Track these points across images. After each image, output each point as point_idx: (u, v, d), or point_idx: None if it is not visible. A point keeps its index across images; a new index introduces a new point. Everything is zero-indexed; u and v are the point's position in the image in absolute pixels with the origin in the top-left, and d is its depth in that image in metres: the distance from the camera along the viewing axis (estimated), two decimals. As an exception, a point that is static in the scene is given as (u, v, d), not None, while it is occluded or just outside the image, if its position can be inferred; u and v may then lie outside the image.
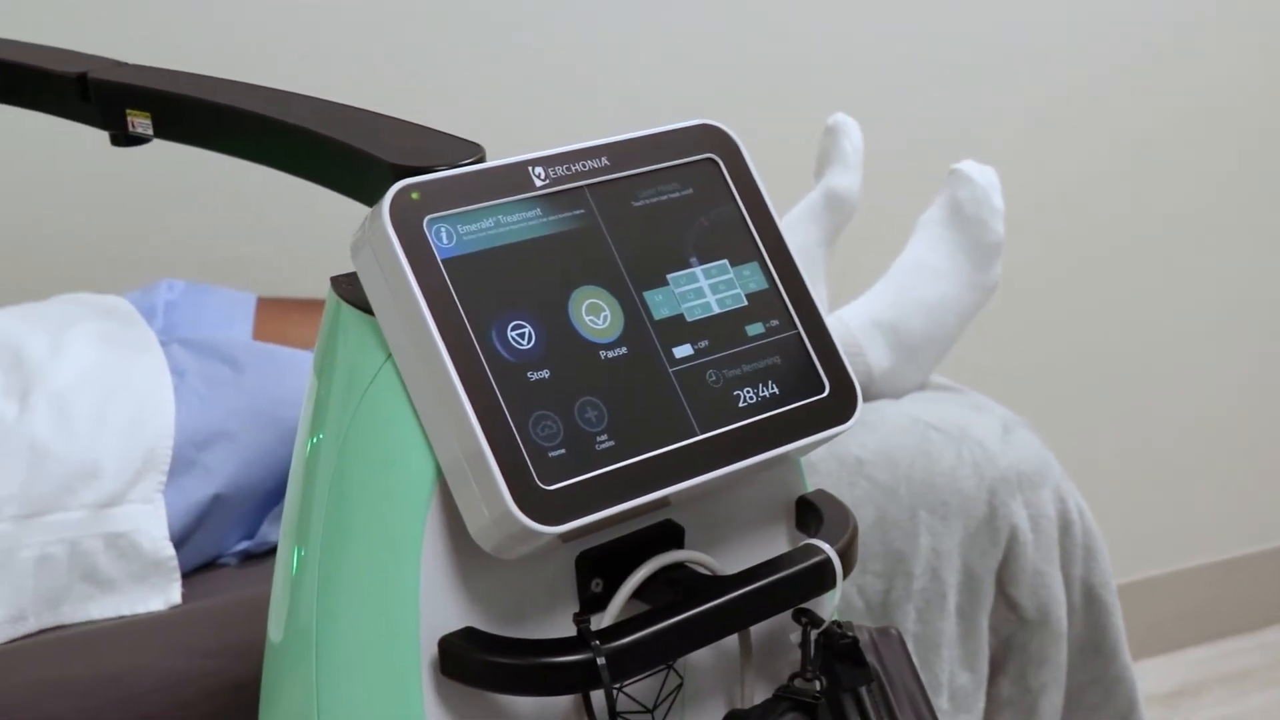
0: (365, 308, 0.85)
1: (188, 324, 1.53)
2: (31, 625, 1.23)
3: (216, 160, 1.26)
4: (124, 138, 1.14)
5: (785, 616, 0.91)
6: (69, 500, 1.24)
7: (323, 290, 1.65)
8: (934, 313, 1.57)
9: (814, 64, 2.11)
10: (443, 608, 0.83)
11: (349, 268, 0.90)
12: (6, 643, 1.22)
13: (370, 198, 0.91)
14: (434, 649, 0.83)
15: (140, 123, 1.11)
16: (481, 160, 0.89)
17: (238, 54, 1.77)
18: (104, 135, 1.19)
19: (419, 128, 0.96)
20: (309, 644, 0.87)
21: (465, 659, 0.82)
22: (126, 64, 1.15)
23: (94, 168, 1.77)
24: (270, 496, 1.35)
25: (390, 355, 0.83)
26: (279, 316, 1.58)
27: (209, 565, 1.35)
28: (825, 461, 1.44)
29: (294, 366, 1.40)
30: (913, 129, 2.15)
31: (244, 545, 1.36)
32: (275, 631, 0.92)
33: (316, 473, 0.87)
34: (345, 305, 0.87)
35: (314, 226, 1.87)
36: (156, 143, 1.14)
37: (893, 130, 2.04)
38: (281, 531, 0.92)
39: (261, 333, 1.56)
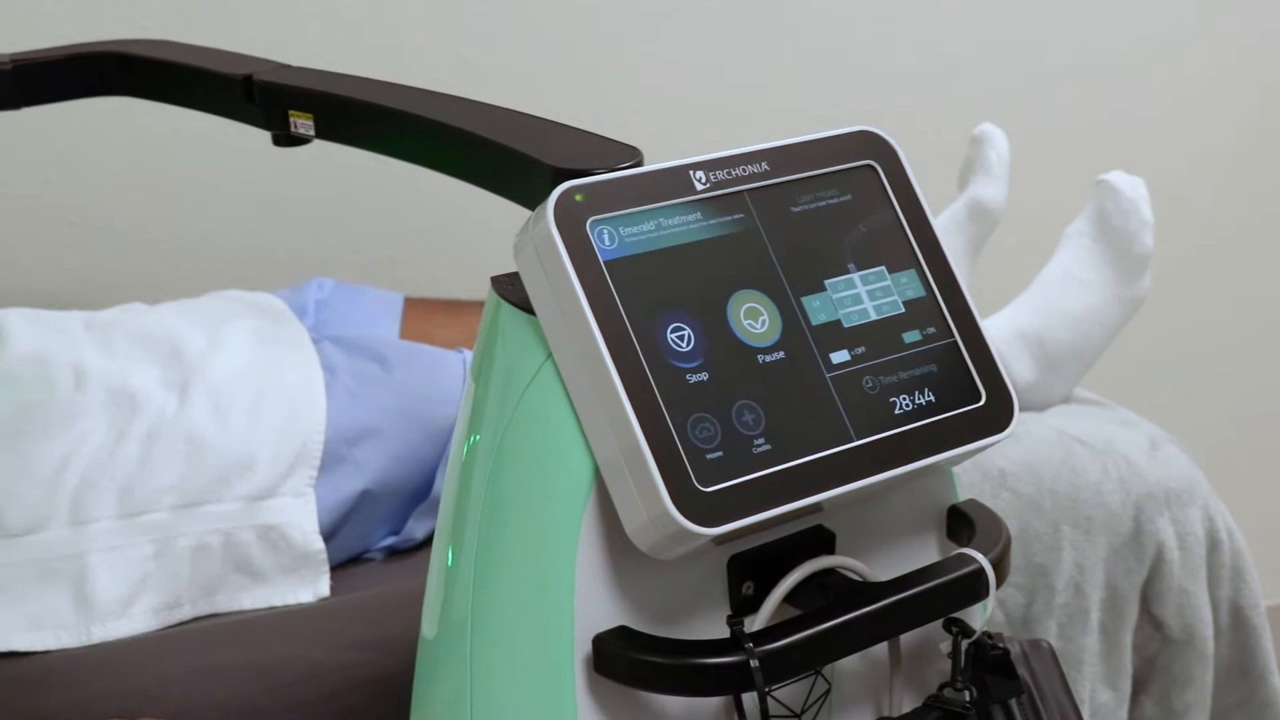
0: (526, 307, 0.86)
1: (337, 322, 1.55)
2: (187, 612, 1.26)
3: (364, 162, 1.28)
4: (285, 138, 1.17)
5: (935, 625, 0.91)
6: (224, 492, 1.27)
7: (468, 292, 1.68)
8: (1080, 325, 1.55)
9: (955, 70, 2.10)
10: (596, 606, 0.84)
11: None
12: (163, 629, 1.25)
13: (529, 200, 0.93)
14: (587, 646, 0.84)
15: (302, 123, 1.13)
16: (639, 164, 0.89)
17: (387, 56, 1.80)
18: (257, 137, 1.22)
19: (577, 131, 0.97)
20: (463, 639, 0.88)
21: (619, 657, 0.83)
22: (290, 66, 1.18)
23: (246, 168, 1.81)
24: (416, 493, 1.38)
25: (550, 355, 0.84)
26: (425, 317, 1.60)
27: (355, 559, 1.37)
28: (968, 472, 1.42)
29: (441, 366, 1.42)
30: (1055, 138, 2.12)
31: (390, 540, 1.38)
32: (429, 627, 0.93)
33: (473, 471, 0.88)
34: (505, 304, 0.88)
35: (460, 228, 1.89)
36: (306, 145, 1.17)
37: (1036, 140, 2.02)
38: (437, 528, 0.93)
39: (408, 332, 1.58)
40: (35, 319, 1.40)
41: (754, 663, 0.80)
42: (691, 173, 0.86)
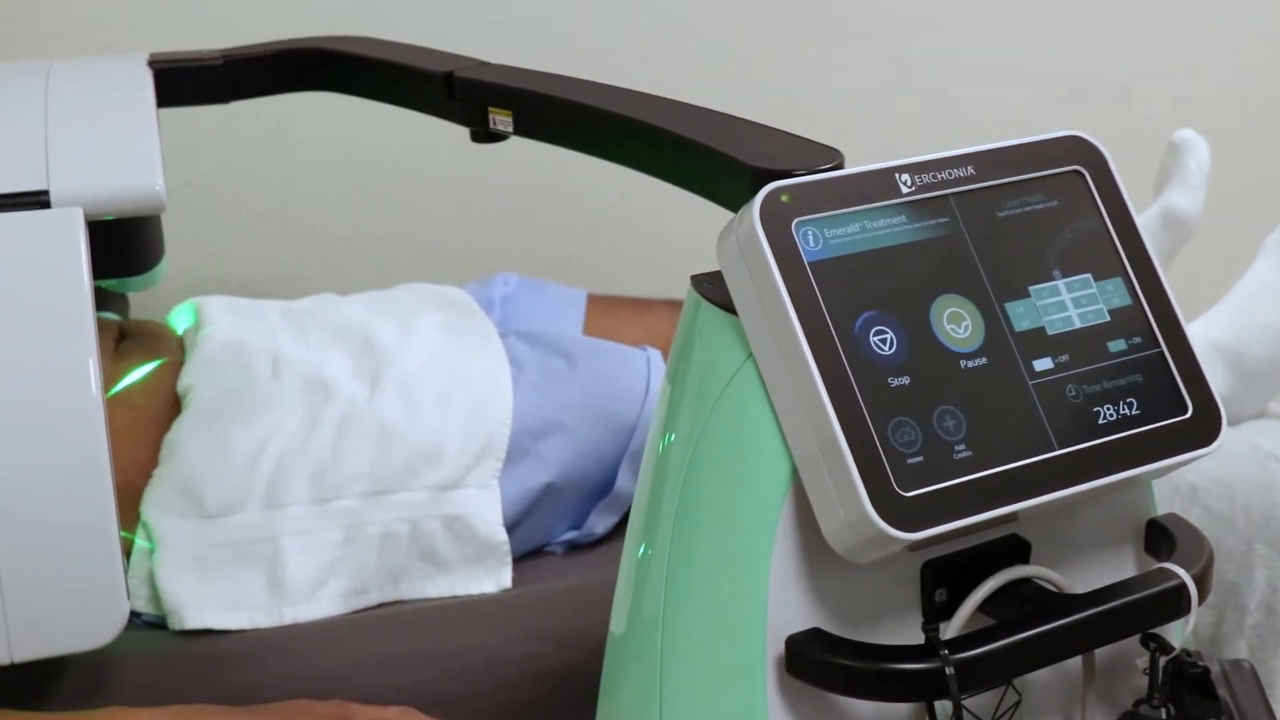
0: (726, 306, 0.86)
1: (521, 317, 1.57)
2: (373, 599, 1.29)
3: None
4: (483, 134, 1.19)
5: (1132, 640, 0.90)
6: (412, 481, 1.29)
7: (649, 290, 1.69)
8: (1278, 338, 1.51)
9: (1149, 75, 2.05)
10: (789, 607, 0.84)
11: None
12: (349, 613, 1.27)
13: (726, 199, 0.93)
14: (779, 647, 0.84)
15: (501, 120, 1.15)
16: (839, 166, 0.89)
17: (578, 56, 1.82)
18: (446, 135, 1.24)
19: (777, 131, 0.97)
20: (654, 636, 0.88)
21: (812, 659, 0.83)
22: (490, 63, 1.20)
23: (432, 166, 1.84)
24: (598, 489, 1.39)
25: (751, 355, 0.84)
26: (608, 314, 1.61)
27: (536, 552, 1.38)
28: (1158, 486, 1.39)
29: (625, 363, 1.43)
30: (1253, 146, 2.07)
31: (571, 535, 1.39)
32: (618, 623, 0.94)
33: (667, 470, 0.89)
34: (705, 303, 0.88)
35: (641, 227, 1.91)
36: (497, 143, 1.19)
37: (1235, 148, 1.97)
38: (629, 527, 0.94)
39: (590, 329, 1.59)
40: (234, 306, 1.44)
41: (949, 670, 0.80)
42: (897, 175, 0.86)
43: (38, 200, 1.03)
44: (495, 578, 1.31)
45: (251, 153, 1.82)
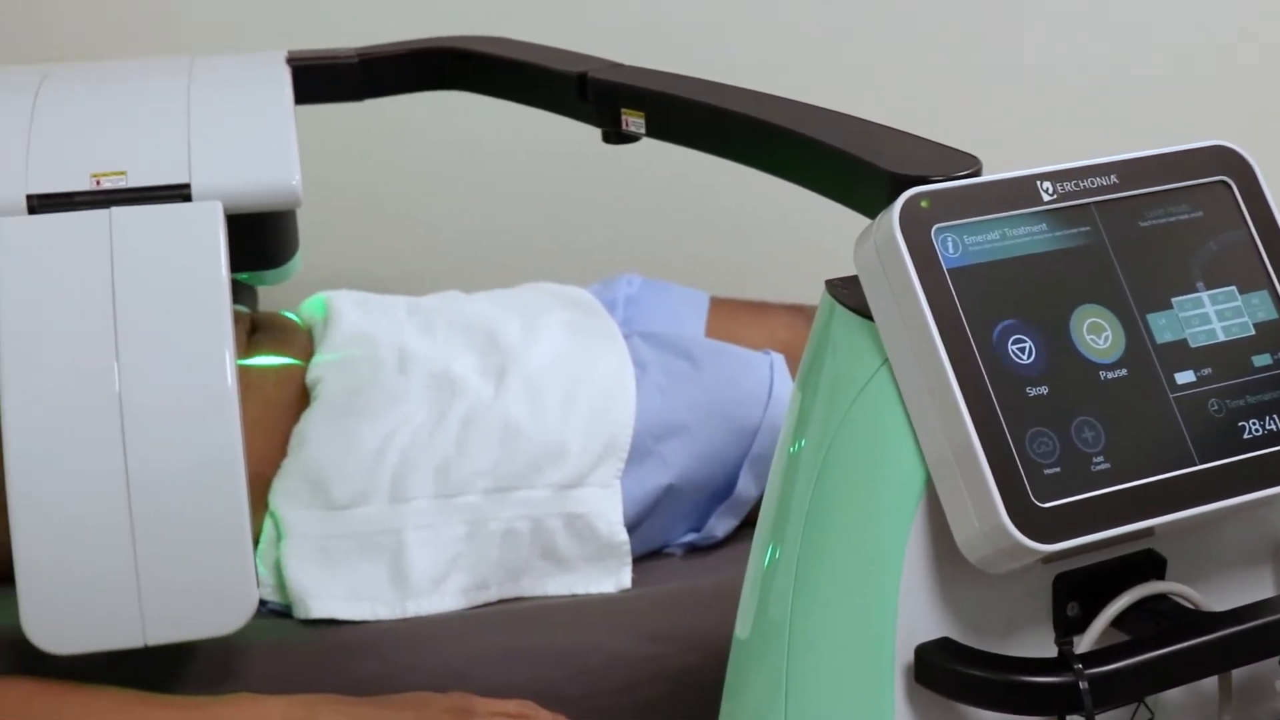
0: (861, 312, 0.86)
1: (644, 318, 1.57)
2: (493, 594, 1.29)
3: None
4: (615, 135, 1.19)
5: (1270, 661, 0.88)
6: (535, 479, 1.30)
7: (773, 294, 1.68)
8: None
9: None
10: (919, 615, 0.84)
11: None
12: (469, 608, 1.28)
13: (862, 205, 0.92)
14: (908, 655, 0.83)
15: (634, 121, 1.16)
16: (977, 173, 0.88)
17: (707, 58, 1.82)
18: (570, 136, 1.24)
19: (913, 137, 0.96)
20: (781, 641, 0.88)
21: (942, 669, 0.82)
22: (623, 65, 1.20)
23: (554, 167, 1.86)
24: (719, 492, 1.38)
25: (886, 361, 0.84)
26: (730, 317, 1.61)
27: (655, 553, 1.38)
28: (1291, 505, 1.36)
29: (748, 366, 1.43)
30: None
31: (690, 537, 1.39)
32: (743, 628, 0.94)
33: (798, 474, 0.88)
34: (840, 308, 0.88)
35: (764, 231, 1.90)
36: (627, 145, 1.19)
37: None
38: (756, 533, 0.94)
39: (712, 331, 1.59)
40: (362, 301, 1.46)
41: (1083, 685, 0.79)
42: (1039, 183, 0.85)
43: (179, 193, 1.05)
44: (615, 578, 1.31)
45: (381, 151, 1.84)
